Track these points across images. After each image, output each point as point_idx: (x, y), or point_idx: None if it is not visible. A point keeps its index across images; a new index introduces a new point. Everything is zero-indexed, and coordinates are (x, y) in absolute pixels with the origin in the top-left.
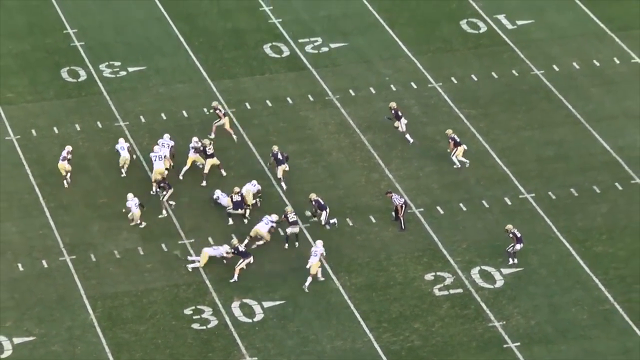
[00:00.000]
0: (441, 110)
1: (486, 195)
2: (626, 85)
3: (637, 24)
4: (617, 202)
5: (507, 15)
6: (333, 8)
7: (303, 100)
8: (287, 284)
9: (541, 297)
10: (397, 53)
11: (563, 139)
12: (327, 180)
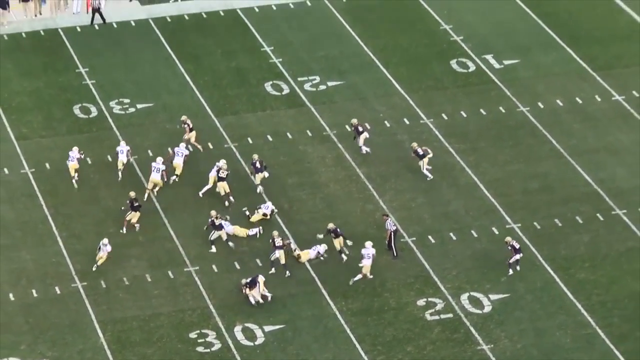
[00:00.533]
0: (432, 145)
1: (475, 225)
2: (607, 121)
3: (617, 64)
4: (599, 232)
5: (495, 55)
6: (330, 48)
7: (302, 135)
8: (286, 309)
9: (527, 322)
10: (391, 91)
11: (547, 172)
12: (325, 210)
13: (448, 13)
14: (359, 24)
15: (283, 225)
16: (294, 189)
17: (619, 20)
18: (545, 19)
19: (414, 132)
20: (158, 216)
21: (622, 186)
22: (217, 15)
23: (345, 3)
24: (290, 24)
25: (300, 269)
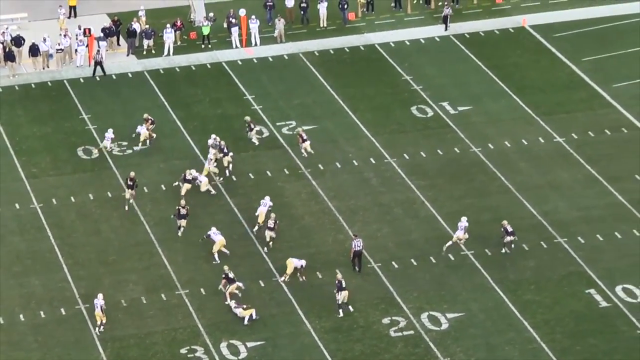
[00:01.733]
0: (396, 182)
1: (433, 252)
2: (549, 160)
3: (558, 110)
4: (543, 258)
5: (450, 102)
6: (305, 97)
7: (280, 174)
8: (267, 327)
9: (480, 338)
10: (359, 134)
11: (497, 205)
12: (301, 240)
13: (409, 66)
14: (330, 75)
15: (263, 253)
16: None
17: (560, 71)
18: (495, 71)
19: (379, 171)
20: (153, 246)
21: (563, 217)
22: (204, 67)
23: (318, 57)
24: (269, 75)
25: (280, 292)
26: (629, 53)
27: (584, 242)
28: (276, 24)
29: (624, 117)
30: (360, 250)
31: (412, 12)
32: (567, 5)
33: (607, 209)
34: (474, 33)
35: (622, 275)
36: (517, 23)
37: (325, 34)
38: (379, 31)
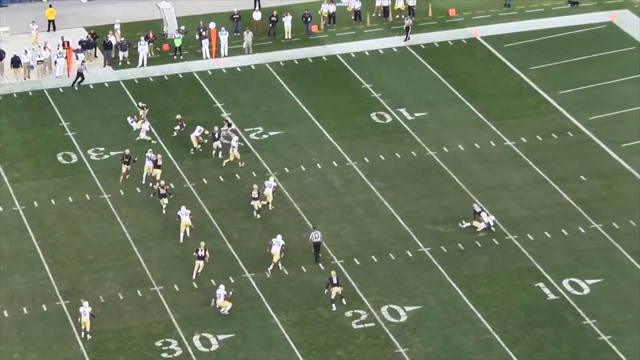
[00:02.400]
0: (357, 184)
1: (392, 250)
2: (500, 163)
3: (508, 115)
4: (495, 254)
5: (407, 108)
6: (271, 104)
7: (248, 176)
8: (237, 321)
9: (436, 330)
10: (322, 139)
11: (452, 205)
12: (269, 238)
13: (368, 75)
14: (295, 84)
15: (233, 251)
16: (242, 220)
17: (509, 80)
18: (449, 79)
19: (341, 173)
20: (129, 245)
21: (514, 216)
22: (176, 77)
23: (283, 67)
24: (237, 84)
25: (249, 288)
26: (574, 62)
27: (533, 239)
28: (244, 36)
29: (569, 121)
30: (319, 242)
31: (371, 25)
32: (515, 18)
33: (555, 207)
34: (429, 44)
35: (568, 270)
36: (469, 34)
37: (290, 45)
38: (340, 42)
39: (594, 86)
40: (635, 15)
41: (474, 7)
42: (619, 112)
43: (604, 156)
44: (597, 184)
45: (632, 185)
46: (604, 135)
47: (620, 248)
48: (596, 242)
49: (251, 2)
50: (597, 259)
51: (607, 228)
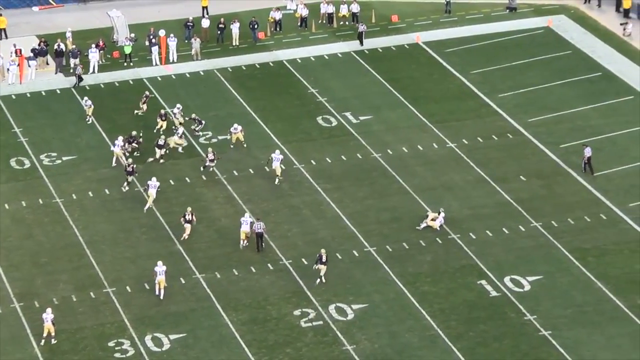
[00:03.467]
0: (304, 185)
1: (339, 249)
2: (443, 164)
3: (450, 118)
4: (438, 252)
5: (352, 112)
6: (220, 109)
7: (198, 180)
8: (188, 320)
9: (382, 327)
10: (270, 142)
11: (396, 205)
12: (218, 240)
13: (314, 80)
14: (242, 89)
15: (183, 252)
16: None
17: (451, 83)
18: (392, 83)
19: (289, 176)
20: (82, 248)
21: (456, 216)
22: (127, 83)
23: (231, 73)
24: (186, 90)
25: (200, 289)
26: (512, 66)
27: (475, 237)
28: (192, 43)
29: (509, 123)
30: (262, 232)
31: (317, 31)
32: (456, 24)
33: (495, 207)
34: (373, 49)
35: (509, 267)
36: (412, 40)
37: (238, 51)
38: (286, 49)
39: (532, 89)
40: (571, 20)
41: (415, 14)
42: (556, 114)
43: (543, 157)
44: (537, 184)
45: (570, 184)
46: (543, 137)
47: (559, 245)
48: (536, 240)
49: (199, 10)
50: (537, 256)
51: (546, 226)
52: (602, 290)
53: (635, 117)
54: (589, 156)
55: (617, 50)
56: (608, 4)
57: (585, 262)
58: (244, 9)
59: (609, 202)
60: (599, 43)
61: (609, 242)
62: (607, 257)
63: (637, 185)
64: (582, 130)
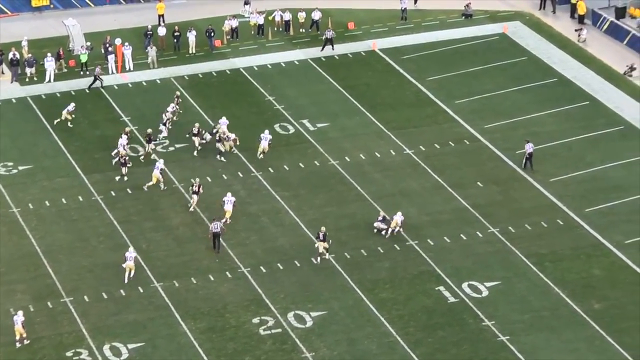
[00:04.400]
0: (262, 193)
1: (298, 257)
2: (400, 171)
3: (407, 125)
4: (396, 259)
5: (310, 120)
6: (177, 117)
7: (156, 188)
8: (146, 329)
9: (341, 334)
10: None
11: (354, 212)
12: (176, 249)
13: (271, 87)
14: (199, 97)
15: (142, 261)
16: (150, 231)
17: (407, 90)
18: (349, 90)
19: (246, 184)
20: (39, 258)
21: (414, 222)
22: (83, 92)
23: (188, 80)
24: (143, 98)
25: (158, 297)
26: (468, 72)
27: (433, 243)
28: (149, 51)
29: (465, 130)
30: (219, 232)
31: (273, 39)
32: (412, 31)
33: (453, 213)
34: (330, 57)
35: (467, 273)
36: (368, 47)
37: (194, 59)
38: (243, 56)
39: (488, 95)
40: (526, 27)
41: (372, 21)
42: (512, 120)
43: (499, 163)
44: (493, 190)
45: (526, 190)
46: (499, 143)
47: (516, 251)
48: (493, 246)
49: (155, 18)
50: (494, 262)
51: (503, 232)
52: (559, 295)
53: (590, 123)
54: (530, 152)
55: (572, 56)
56: (563, 11)
57: (542, 268)
58: (201, 17)
59: (565, 208)
60: (554, 49)
61: (565, 248)
62: (563, 263)
63: (593, 191)
64: (538, 136)
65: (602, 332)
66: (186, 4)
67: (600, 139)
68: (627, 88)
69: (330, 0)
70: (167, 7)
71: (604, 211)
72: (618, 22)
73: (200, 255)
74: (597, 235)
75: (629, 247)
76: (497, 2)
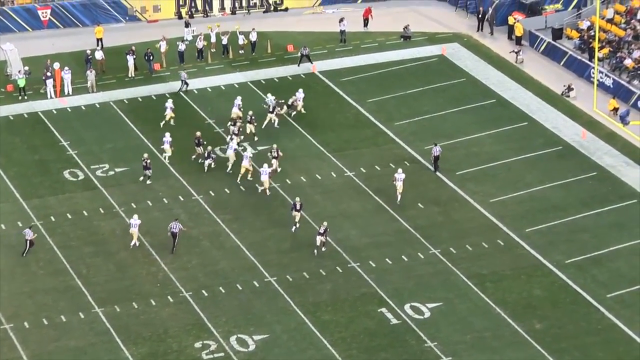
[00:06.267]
0: (203, 217)
1: (240, 280)
2: (341, 192)
3: (347, 146)
4: (338, 281)
5: (250, 142)
6: (117, 141)
7: (96, 213)
8: (87, 355)
9: (284, 356)
10: (167, 174)
11: (296, 234)
12: (116, 273)
13: (211, 110)
14: (139, 121)
15: (82, 286)
16: (91, 256)
17: (347, 112)
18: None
19: (187, 207)
20: None
21: (356, 244)
22: (22, 117)
23: (127, 104)
24: (82, 122)
25: (99, 323)
26: (408, 94)
27: (374, 265)
28: (87, 75)
29: (405, 151)
30: (177, 232)
31: (213, 62)
32: (351, 53)
33: (394, 234)
34: (269, 79)
35: (409, 295)
36: (308, 69)
37: (134, 83)
38: None
39: (428, 117)
40: (464, 48)
41: (311, 43)
42: (452, 141)
43: (440, 184)
44: (434, 211)
45: (466, 211)
46: (438, 164)
47: (457, 272)
48: (435, 267)
49: (94, 42)
50: (436, 283)
51: (444, 253)
52: (500, 316)
53: (529, 143)
54: (436, 155)
55: (510, 77)
56: (500, 32)
57: (483, 288)
58: (139, 41)
59: (506, 228)
60: (493, 70)
61: (506, 268)
62: (504, 283)
63: (533, 211)
64: (477, 157)
65: (543, 352)
66: (125, 28)
67: (538, 159)
68: (565, 108)
69: (268, 23)
70: (105, 31)
71: (543, 231)
72: (555, 43)
73: (141, 280)
74: (538, 255)
75: (569, 267)
76: (435, 24)
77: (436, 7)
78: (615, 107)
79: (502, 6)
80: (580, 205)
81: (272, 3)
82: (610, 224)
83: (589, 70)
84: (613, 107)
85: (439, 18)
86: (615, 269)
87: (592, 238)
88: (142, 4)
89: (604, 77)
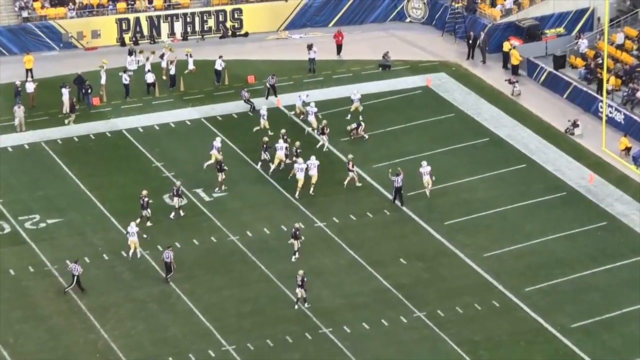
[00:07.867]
0: (150, 275)
1: (192, 349)
2: (311, 246)
3: (318, 193)
4: (307, 349)
5: (205, 189)
6: (49, 188)
7: (24, 272)
8: None
9: None
10: (108, 226)
11: (258, 295)
12: (49, 342)
13: (160, 151)
14: (75, 165)
15: (9, 358)
16: (19, 322)
17: (317, 153)
18: (250, 154)
19: (133, 264)
20: None
21: (328, 306)
22: None
23: (61, 145)
24: (9, 166)
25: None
26: (387, 132)
27: (349, 331)
28: (15, 111)
29: (385, 198)
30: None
31: (161, 95)
32: (321, 84)
33: (372, 294)
34: (227, 115)
35: None
36: (272, 104)
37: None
38: (126, 116)
39: (411, 158)
40: (452, 79)
41: (275, 74)
42: (439, 186)
43: (425, 235)
44: (419, 267)
45: (456, 266)
46: (424, 213)
47: (445, 338)
48: (420, 332)
49: (22, 73)
50: (421, 350)
51: (431, 316)
52: None
53: (528, 189)
54: (398, 186)
55: (505, 111)
56: (494, 60)
57: (476, 356)
58: (74, 72)
59: (502, 287)
60: (485, 104)
61: (503, 333)
62: (501, 350)
63: (533, 267)
64: (468, 204)
65: None
66: (58, 56)
67: (539, 207)
68: (569, 148)
69: (225, 50)
70: (36, 60)
71: (546, 290)
72: (557, 73)
73: (77, 349)
74: (539, 318)
75: (576, 332)
76: (419, 51)
77: (420, 31)
78: (627, 147)
79: (495, 30)
80: (588, 260)
81: (229, 27)
82: (623, 282)
83: (597, 104)
84: (625, 146)
85: (423, 44)
86: (629, 334)
87: (602, 298)
88: (78, 30)
89: (613, 111)
